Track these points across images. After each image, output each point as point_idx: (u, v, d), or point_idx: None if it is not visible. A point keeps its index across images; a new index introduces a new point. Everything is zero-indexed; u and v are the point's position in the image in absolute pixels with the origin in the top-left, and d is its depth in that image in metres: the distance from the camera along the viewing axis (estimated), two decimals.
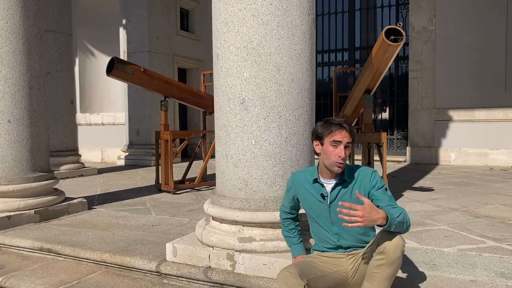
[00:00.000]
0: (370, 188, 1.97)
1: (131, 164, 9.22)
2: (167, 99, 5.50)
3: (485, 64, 8.16)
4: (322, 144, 2.00)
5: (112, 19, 10.23)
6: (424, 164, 8.52)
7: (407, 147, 9.02)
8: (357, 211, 1.68)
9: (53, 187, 4.30)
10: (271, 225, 2.54)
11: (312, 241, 2.29)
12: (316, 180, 2.05)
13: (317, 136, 2.03)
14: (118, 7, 9.95)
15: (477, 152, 8.22)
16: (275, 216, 2.49)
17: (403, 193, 5.13)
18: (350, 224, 1.70)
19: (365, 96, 4.34)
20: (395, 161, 8.98)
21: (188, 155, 10.41)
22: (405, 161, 8.96)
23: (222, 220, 2.64)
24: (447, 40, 8.44)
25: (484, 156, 8.15)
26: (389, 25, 10.63)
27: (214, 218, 2.73)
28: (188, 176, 6.16)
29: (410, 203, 4.54)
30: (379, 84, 4.83)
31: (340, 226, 1.94)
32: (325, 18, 10.90)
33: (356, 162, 4.80)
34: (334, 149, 1.95)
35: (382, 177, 4.40)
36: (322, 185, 2.03)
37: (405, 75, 9.32)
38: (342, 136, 1.95)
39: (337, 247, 2.02)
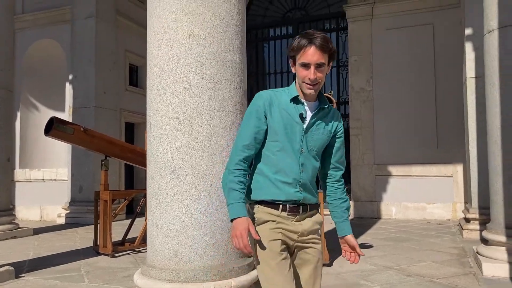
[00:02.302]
0: (338, 129, 1.88)
1: (72, 222, 8.80)
2: (108, 158, 5.42)
3: (419, 123, 8.74)
4: (295, 64, 1.79)
5: (59, 73, 10.12)
6: (367, 218, 8.76)
7: (351, 201, 9.29)
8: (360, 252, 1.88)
9: None
10: None
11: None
12: (296, 98, 1.80)
13: (290, 55, 1.81)
14: (65, 62, 9.90)
15: (415, 206, 8.59)
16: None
17: None
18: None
19: None
20: None
21: (134, 211, 10.11)
22: (348, 215, 9.16)
23: None
24: (384, 100, 9.02)
25: (422, 210, 8.53)
26: (330, 84, 11.13)
27: None
28: (130, 236, 5.97)
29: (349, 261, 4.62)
30: None
31: (306, 157, 1.80)
32: (271, 77, 11.38)
33: None
34: (304, 70, 1.74)
35: (320, 235, 4.48)
36: (303, 105, 1.81)
37: (347, 132, 9.77)
38: (311, 55, 1.71)
39: (295, 182, 1.77)
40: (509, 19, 4.03)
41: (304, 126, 1.78)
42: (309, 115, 1.80)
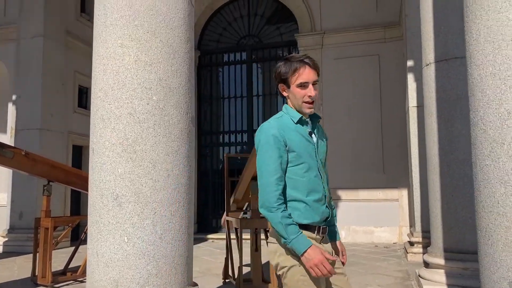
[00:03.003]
0: (326, 139, 2.07)
1: (11, 251, 8.27)
2: (51, 183, 5.20)
3: (367, 149, 9.07)
4: (288, 87, 1.89)
5: (1, 94, 9.68)
6: None
7: None
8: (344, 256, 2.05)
9: None
10: None
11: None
12: (301, 119, 1.90)
13: (281, 79, 1.90)
14: (9, 82, 9.49)
15: (364, 230, 8.81)
16: None
17: None
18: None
19: (252, 183, 4.52)
20: None
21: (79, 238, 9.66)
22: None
23: None
24: (333, 127, 9.28)
25: (370, 233, 8.76)
26: None
27: None
28: (73, 264, 5.70)
29: None
30: None
31: (322, 170, 1.93)
32: (225, 101, 11.44)
33: (244, 244, 4.85)
34: (302, 90, 1.85)
35: (268, 262, 4.48)
36: (307, 124, 1.93)
37: None
38: (307, 74, 1.84)
39: (323, 198, 1.90)
40: (444, 54, 4.31)
41: (314, 142, 1.92)
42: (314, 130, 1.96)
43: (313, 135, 1.94)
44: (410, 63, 6.86)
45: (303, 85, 1.85)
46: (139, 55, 2.64)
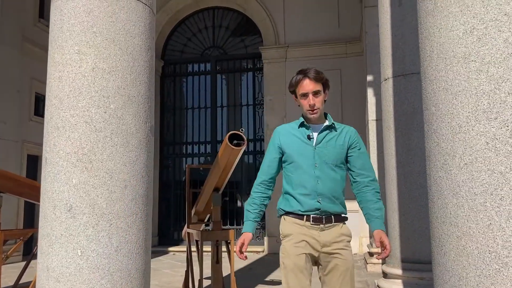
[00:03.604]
0: (352, 142, 2.26)
1: None
2: (1, 194, 4.95)
3: None
4: (297, 97, 2.28)
5: None
6: None
7: (265, 237, 9.36)
8: (387, 246, 2.19)
9: None
10: None
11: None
12: (302, 124, 2.25)
13: (291, 91, 2.33)
14: None
15: None
16: None
17: None
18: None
19: (213, 194, 4.48)
20: (254, 252, 9.18)
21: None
22: (263, 251, 9.23)
23: None
24: None
25: None
26: (247, 122, 11.38)
27: None
28: (25, 279, 5.43)
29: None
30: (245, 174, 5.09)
31: (322, 170, 2.13)
32: (189, 111, 11.36)
33: (205, 256, 4.78)
34: (304, 100, 2.20)
35: (230, 274, 4.44)
36: (308, 128, 2.23)
37: None
38: (306, 85, 2.17)
39: (313, 194, 2.13)
40: (401, 69, 4.46)
41: (313, 144, 2.19)
42: (316, 134, 2.23)
43: (314, 137, 2.21)
44: (369, 78, 7.06)
45: (304, 95, 2.20)
46: (97, 63, 2.57)
